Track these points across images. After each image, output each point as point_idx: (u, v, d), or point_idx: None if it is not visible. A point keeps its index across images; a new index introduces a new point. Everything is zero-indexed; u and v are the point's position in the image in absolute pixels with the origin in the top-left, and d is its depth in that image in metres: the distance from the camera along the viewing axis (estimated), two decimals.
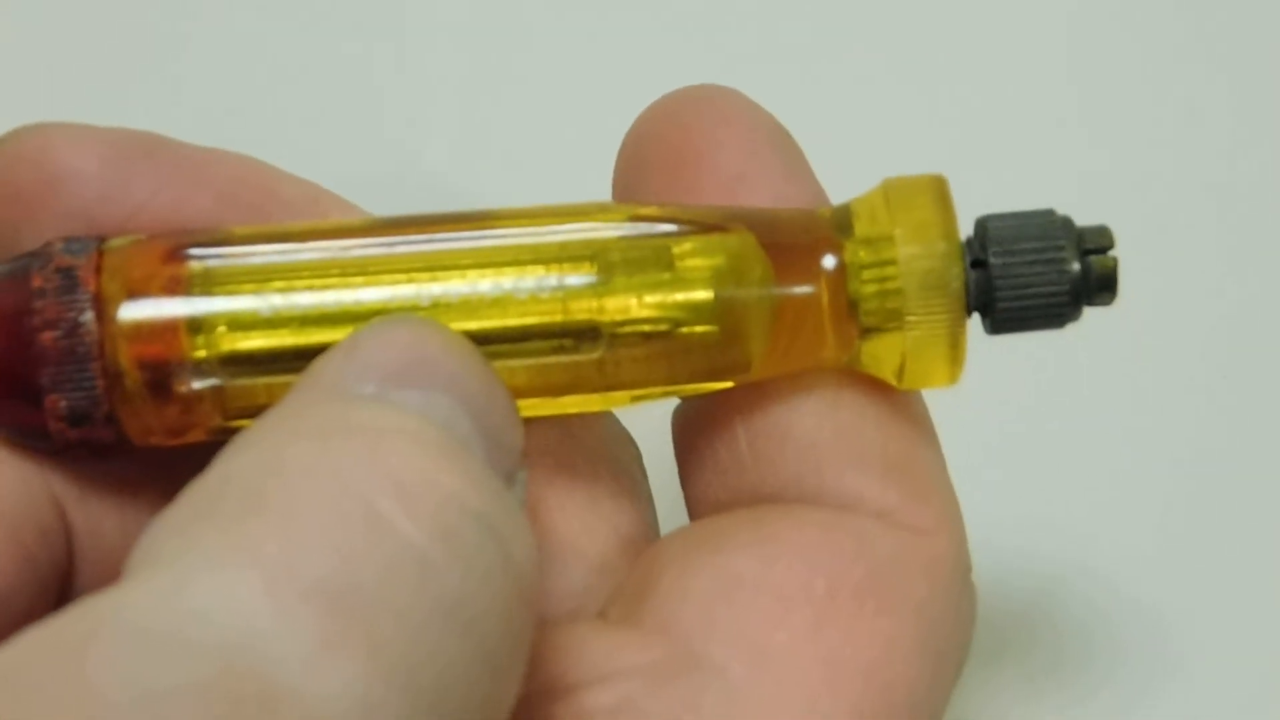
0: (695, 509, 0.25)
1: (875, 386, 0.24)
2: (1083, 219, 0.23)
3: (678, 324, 0.23)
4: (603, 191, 0.39)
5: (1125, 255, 0.23)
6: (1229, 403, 0.37)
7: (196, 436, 0.23)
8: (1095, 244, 0.23)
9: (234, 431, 0.23)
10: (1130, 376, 0.36)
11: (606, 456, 0.25)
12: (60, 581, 0.23)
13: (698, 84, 0.25)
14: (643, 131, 0.25)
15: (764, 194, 0.24)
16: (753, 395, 0.24)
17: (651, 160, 0.25)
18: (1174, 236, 0.38)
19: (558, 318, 0.22)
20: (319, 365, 0.20)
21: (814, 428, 0.24)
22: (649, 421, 0.26)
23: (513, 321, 0.22)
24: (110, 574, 0.24)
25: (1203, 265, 0.38)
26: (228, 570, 0.17)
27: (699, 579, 0.23)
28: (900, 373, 0.23)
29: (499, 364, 0.23)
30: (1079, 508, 0.35)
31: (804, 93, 0.25)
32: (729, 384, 0.23)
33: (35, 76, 0.42)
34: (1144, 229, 0.26)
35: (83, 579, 0.24)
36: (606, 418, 0.26)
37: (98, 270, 0.22)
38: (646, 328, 0.23)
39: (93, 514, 0.24)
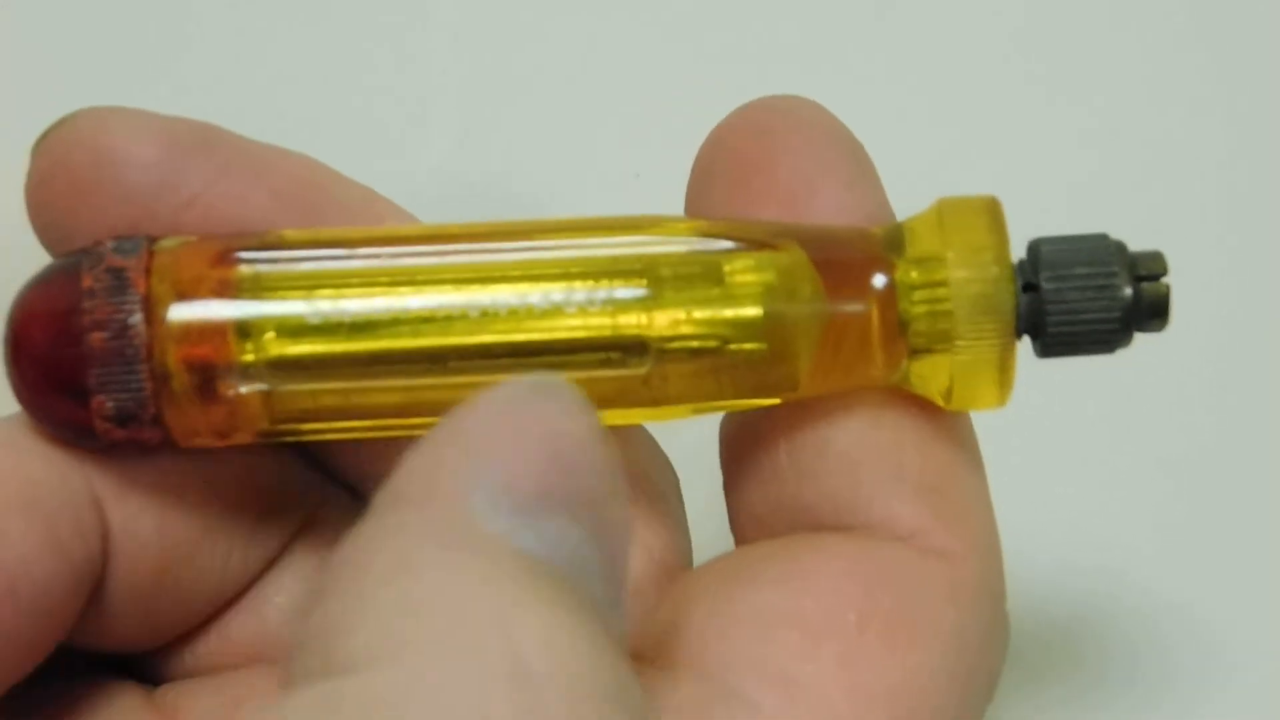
0: (736, 519, 0.25)
1: (919, 407, 0.24)
2: (1136, 242, 0.23)
3: (726, 340, 0.23)
4: (605, 187, 0.40)
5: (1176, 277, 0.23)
6: (1264, 408, 0.37)
7: (242, 439, 0.23)
8: (1148, 270, 0.23)
9: (279, 435, 0.23)
10: (1169, 386, 0.36)
11: (645, 480, 0.25)
12: (94, 576, 0.23)
13: (778, 94, 0.25)
14: (718, 137, 0.25)
15: (828, 203, 0.24)
16: (797, 410, 0.24)
17: (723, 164, 0.25)
18: (1226, 255, 0.38)
19: (606, 332, 0.22)
20: (437, 453, 0.19)
21: (854, 444, 0.24)
22: (689, 447, 0.26)
23: (561, 334, 0.22)
24: (145, 571, 0.24)
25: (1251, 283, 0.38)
26: None
27: (731, 613, 0.23)
28: (948, 394, 0.23)
29: None
30: (1121, 522, 0.36)
31: (857, 108, 0.25)
32: (775, 401, 0.23)
33: (35, 76, 0.42)
34: (1194, 250, 0.26)
35: (117, 575, 0.24)
36: (648, 443, 0.26)
37: (147, 272, 0.22)
38: (695, 344, 0.23)
39: (131, 512, 0.24)
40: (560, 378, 0.19)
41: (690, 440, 0.26)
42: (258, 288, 0.22)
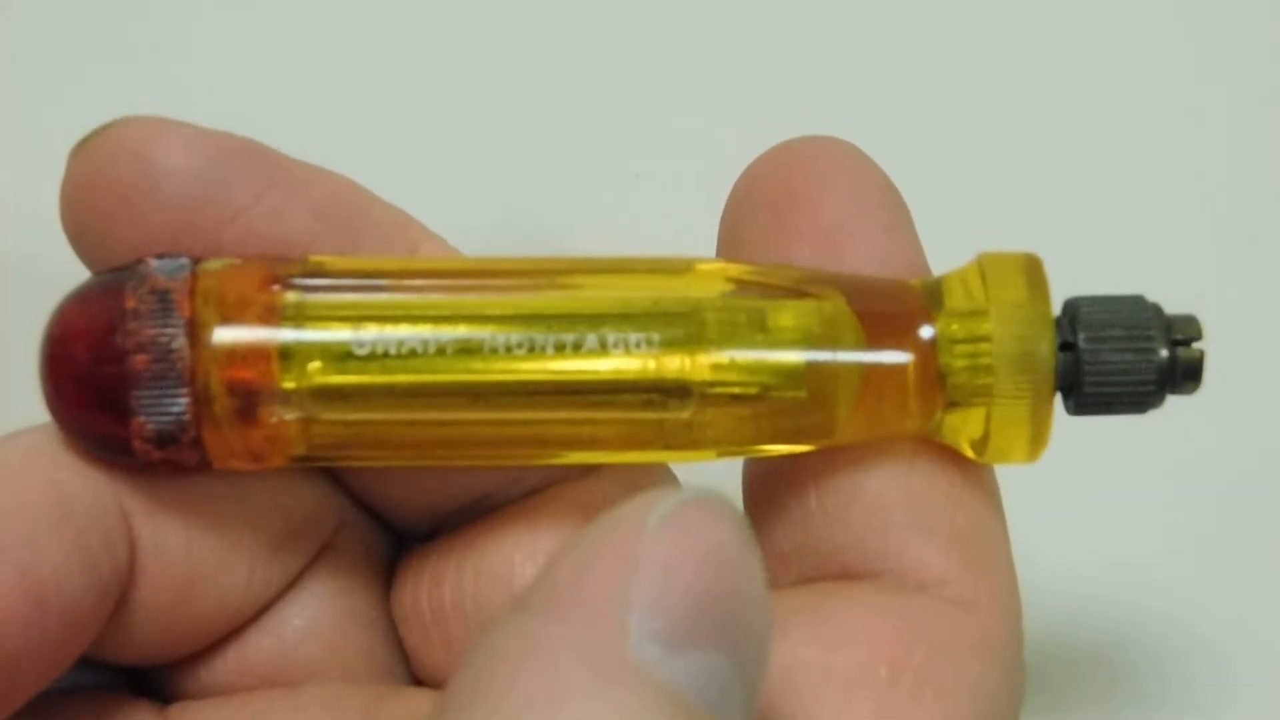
0: None
1: (950, 456, 0.24)
2: (1162, 288, 0.24)
3: (768, 387, 0.23)
4: (605, 187, 0.40)
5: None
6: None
7: (276, 463, 0.23)
8: (1184, 334, 0.23)
9: (313, 460, 0.23)
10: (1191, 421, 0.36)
11: None
12: (120, 590, 0.23)
13: (814, 135, 0.25)
14: (753, 174, 0.25)
15: (863, 248, 0.24)
16: (829, 455, 0.24)
17: (757, 203, 0.25)
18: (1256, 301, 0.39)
19: (650, 374, 0.22)
20: (592, 561, 0.19)
21: (885, 491, 0.24)
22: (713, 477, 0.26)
23: (605, 374, 0.22)
24: (169, 587, 0.24)
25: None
26: None
27: None
28: (980, 446, 0.23)
29: (588, 415, 0.23)
30: (1149, 553, 0.36)
31: (855, 108, 0.25)
32: (809, 447, 0.24)
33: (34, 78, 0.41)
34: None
35: (142, 590, 0.24)
36: (669, 479, 0.26)
37: (192, 294, 0.22)
38: (736, 389, 0.23)
39: (159, 529, 0.24)
40: (719, 492, 0.19)
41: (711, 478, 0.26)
42: (302, 315, 0.22)
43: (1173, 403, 0.24)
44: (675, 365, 0.22)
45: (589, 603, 0.18)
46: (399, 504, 0.26)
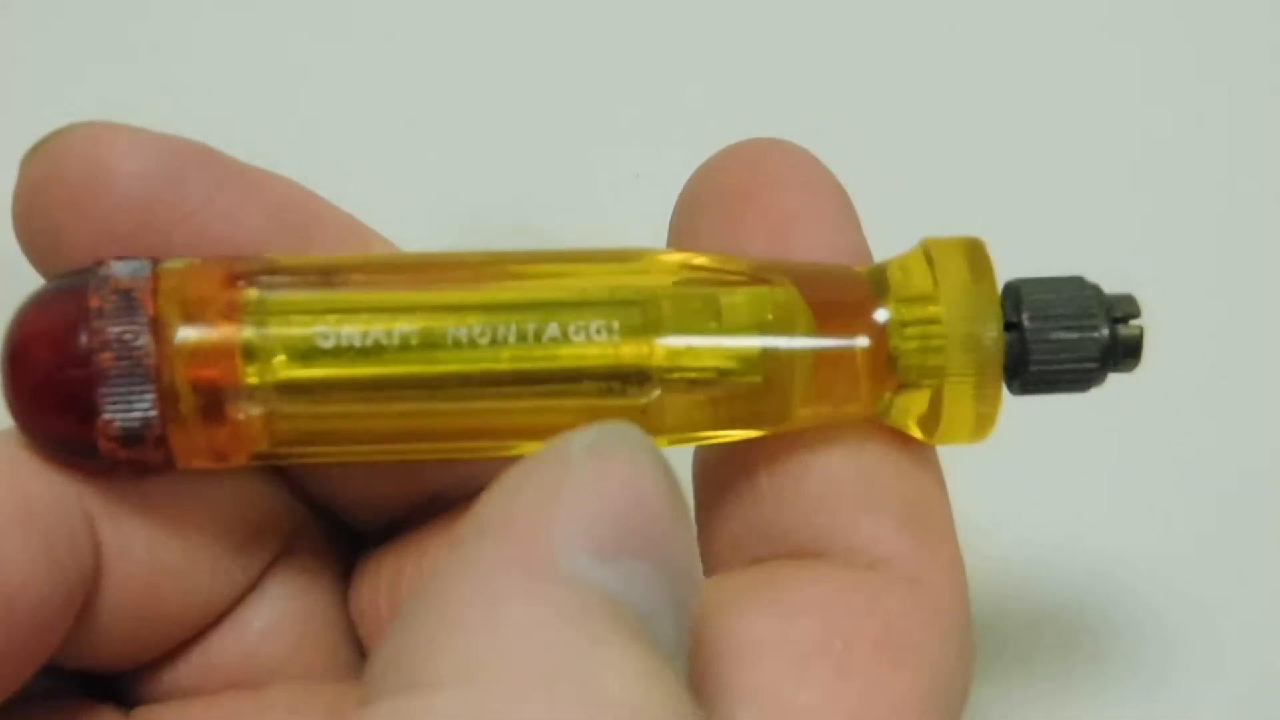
0: (711, 542, 0.26)
1: (897, 438, 0.24)
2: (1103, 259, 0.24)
3: (724, 373, 0.23)
4: (605, 188, 0.40)
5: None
6: (1241, 403, 0.38)
7: (239, 460, 0.23)
8: (1123, 312, 0.24)
9: (275, 458, 0.23)
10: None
11: None
12: (85, 594, 0.23)
13: (765, 137, 0.26)
14: (705, 170, 0.26)
15: (811, 241, 0.25)
16: (778, 438, 0.24)
17: (708, 198, 0.25)
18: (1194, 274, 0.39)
19: (609, 361, 0.23)
20: (518, 493, 0.19)
21: (836, 471, 0.24)
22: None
23: (566, 362, 0.23)
24: (133, 590, 0.24)
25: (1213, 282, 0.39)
26: None
27: (718, 643, 0.23)
28: (930, 428, 0.24)
29: (548, 404, 0.23)
30: (1098, 518, 0.36)
31: (836, 145, 0.26)
32: (763, 433, 0.24)
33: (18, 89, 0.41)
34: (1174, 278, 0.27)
35: (107, 594, 0.24)
36: None
37: (155, 293, 0.22)
38: (694, 375, 0.23)
39: (123, 531, 0.24)
40: (635, 425, 0.20)
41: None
42: (264, 311, 0.23)
43: (1169, 401, 0.24)
44: (634, 352, 0.23)
45: (519, 527, 0.19)
46: (356, 504, 0.26)
